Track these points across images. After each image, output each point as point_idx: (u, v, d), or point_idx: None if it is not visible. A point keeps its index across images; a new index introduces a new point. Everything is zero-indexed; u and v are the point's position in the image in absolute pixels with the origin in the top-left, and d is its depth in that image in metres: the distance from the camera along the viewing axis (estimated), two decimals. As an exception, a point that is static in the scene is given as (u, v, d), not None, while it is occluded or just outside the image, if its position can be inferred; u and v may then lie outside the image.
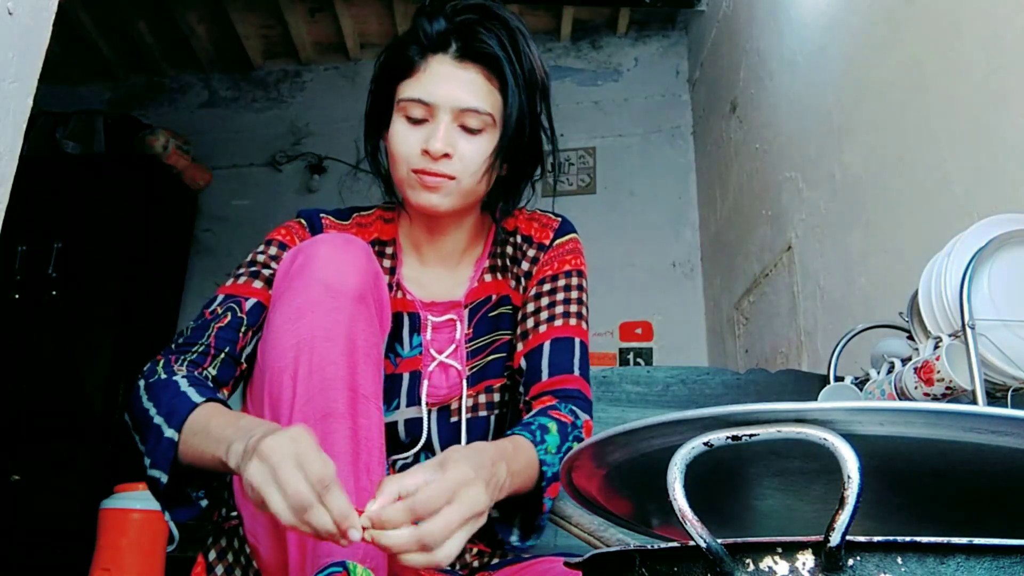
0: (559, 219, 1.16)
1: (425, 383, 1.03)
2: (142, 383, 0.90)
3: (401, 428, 1.03)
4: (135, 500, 2.02)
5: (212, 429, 0.79)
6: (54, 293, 3.32)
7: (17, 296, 3.32)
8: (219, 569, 0.95)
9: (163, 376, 0.89)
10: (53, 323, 3.30)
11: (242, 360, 0.95)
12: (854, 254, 1.96)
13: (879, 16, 1.84)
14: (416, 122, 1.00)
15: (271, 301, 0.91)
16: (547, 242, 1.13)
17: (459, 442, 1.03)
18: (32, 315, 3.31)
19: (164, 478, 0.81)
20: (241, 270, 1.02)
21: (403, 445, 1.03)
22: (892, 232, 1.75)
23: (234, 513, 0.97)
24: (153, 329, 3.52)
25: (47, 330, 3.30)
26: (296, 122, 3.97)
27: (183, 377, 0.88)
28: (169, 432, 0.82)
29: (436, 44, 1.00)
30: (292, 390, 0.81)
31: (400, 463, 1.03)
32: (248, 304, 0.97)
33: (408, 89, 1.01)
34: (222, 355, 0.94)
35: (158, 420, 0.84)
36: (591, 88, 3.77)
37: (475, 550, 1.07)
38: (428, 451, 1.04)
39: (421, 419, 1.03)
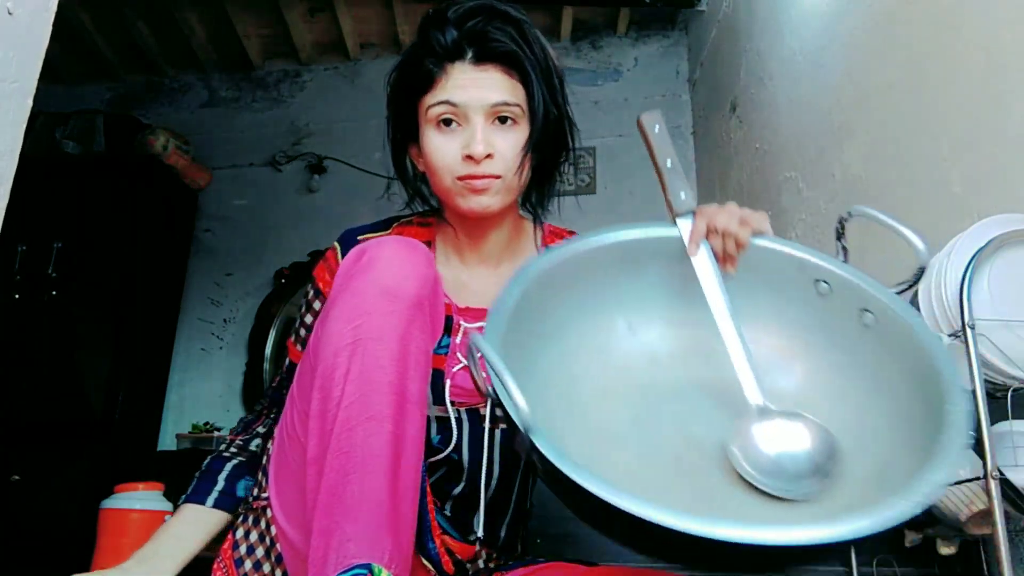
0: None
1: (448, 381, 1.04)
2: (222, 447, 1.13)
3: (433, 427, 1.03)
4: (135, 500, 2.01)
5: (163, 527, 1.09)
6: (54, 293, 3.31)
7: (17, 296, 3.31)
8: (243, 548, 0.98)
9: (223, 453, 1.12)
10: (53, 323, 3.29)
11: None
12: (854, 254, 1.96)
13: (879, 16, 1.84)
14: (449, 129, 1.02)
15: (330, 296, 0.91)
16: None
17: (485, 442, 1.04)
18: (32, 315, 3.30)
19: None
20: (300, 328, 1.14)
21: (434, 449, 1.03)
22: (892, 232, 1.75)
23: (265, 495, 1.00)
24: (153, 329, 3.52)
25: (47, 330, 3.29)
26: (296, 122, 3.96)
27: (226, 462, 1.11)
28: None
29: (451, 53, 1.02)
30: (342, 389, 0.82)
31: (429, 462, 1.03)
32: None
33: (433, 99, 1.02)
34: (272, 414, 1.14)
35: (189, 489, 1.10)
36: (591, 88, 3.76)
37: (490, 553, 1.08)
38: (457, 452, 1.04)
39: (449, 419, 1.04)
